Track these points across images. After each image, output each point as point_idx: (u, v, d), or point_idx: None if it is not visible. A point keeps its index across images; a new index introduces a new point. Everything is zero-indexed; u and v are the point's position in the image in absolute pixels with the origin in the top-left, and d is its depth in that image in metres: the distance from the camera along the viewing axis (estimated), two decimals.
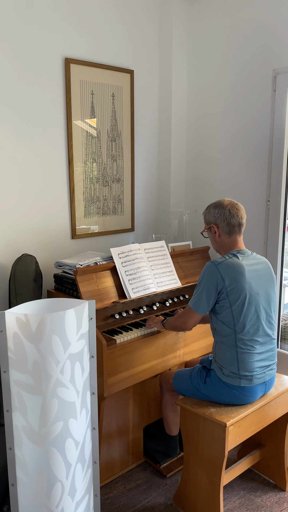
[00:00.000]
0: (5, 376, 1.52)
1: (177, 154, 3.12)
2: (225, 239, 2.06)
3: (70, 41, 2.55)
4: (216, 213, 2.05)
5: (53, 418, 1.51)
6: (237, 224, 2.03)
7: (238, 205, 2.06)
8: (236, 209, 2.04)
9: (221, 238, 2.06)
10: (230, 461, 2.49)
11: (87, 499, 1.71)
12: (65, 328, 1.48)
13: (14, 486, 1.59)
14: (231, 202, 2.06)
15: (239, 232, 2.05)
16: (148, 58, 3.00)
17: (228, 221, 2.02)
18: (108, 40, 2.74)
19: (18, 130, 2.41)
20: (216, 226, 2.06)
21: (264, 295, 1.99)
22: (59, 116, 2.57)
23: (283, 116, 2.50)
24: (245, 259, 1.99)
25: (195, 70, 3.00)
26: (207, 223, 2.12)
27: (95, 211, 2.85)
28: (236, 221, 2.02)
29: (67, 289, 2.40)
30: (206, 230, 2.14)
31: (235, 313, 1.93)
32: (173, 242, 2.97)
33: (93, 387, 1.66)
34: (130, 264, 2.38)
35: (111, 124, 2.84)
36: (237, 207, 2.05)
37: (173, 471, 2.44)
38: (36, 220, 2.57)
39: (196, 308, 1.98)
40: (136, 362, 2.19)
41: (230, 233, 2.04)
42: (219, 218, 2.04)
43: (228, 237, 2.05)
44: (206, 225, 2.13)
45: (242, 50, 2.66)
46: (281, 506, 2.22)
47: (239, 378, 1.96)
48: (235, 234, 2.04)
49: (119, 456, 2.41)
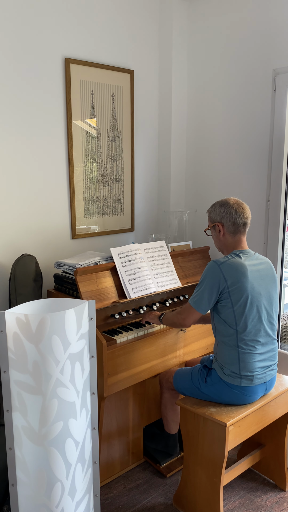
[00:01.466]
0: (5, 376, 1.52)
1: (177, 154, 3.12)
2: (229, 239, 2.04)
3: (70, 41, 2.55)
4: (222, 211, 2.03)
5: (53, 418, 1.51)
6: (243, 224, 2.02)
7: (244, 205, 2.05)
8: (242, 209, 2.02)
9: (225, 237, 2.05)
10: (230, 461, 2.49)
11: (87, 499, 1.71)
12: (65, 328, 1.48)
13: (14, 486, 1.59)
14: (237, 202, 2.04)
15: (244, 232, 2.04)
16: (148, 58, 3.00)
17: (234, 220, 2.01)
18: (108, 40, 2.74)
19: (18, 130, 2.41)
20: (221, 225, 2.04)
21: (266, 296, 1.98)
22: (59, 116, 2.57)
23: (283, 116, 2.50)
24: (248, 259, 1.98)
25: (195, 70, 3.00)
26: (211, 221, 2.09)
27: (95, 211, 2.85)
28: (241, 220, 2.01)
29: (67, 289, 2.40)
30: (210, 228, 2.11)
31: (237, 313, 1.93)
32: (173, 242, 2.97)
33: (93, 387, 1.66)
34: (130, 264, 2.38)
35: (111, 124, 2.84)
36: (243, 206, 2.03)
37: (173, 471, 2.44)
38: (36, 220, 2.57)
39: (197, 306, 1.97)
40: (136, 362, 2.19)
41: (235, 232, 2.03)
42: (224, 217, 2.02)
43: (232, 237, 2.04)
44: (211, 223, 2.10)
45: (242, 50, 2.66)
46: (281, 506, 2.22)
47: (240, 378, 1.96)
48: (240, 233, 2.03)
49: (119, 456, 2.41)
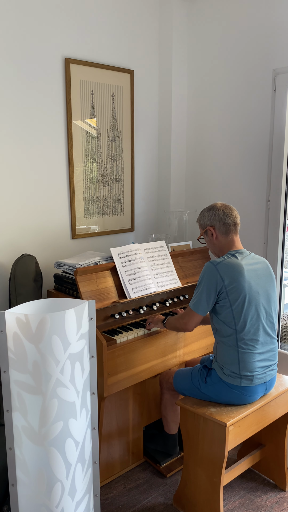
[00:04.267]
0: (5, 376, 1.52)
1: (177, 154, 3.12)
2: (223, 240, 2.08)
3: (70, 41, 2.55)
4: (211, 215, 2.09)
5: (53, 418, 1.51)
6: (233, 223, 2.07)
7: (230, 206, 2.11)
8: (229, 209, 2.09)
9: (218, 239, 2.09)
10: (230, 461, 2.49)
11: (87, 499, 1.71)
12: (65, 328, 1.48)
13: (14, 486, 1.59)
14: (223, 204, 2.12)
15: (235, 231, 2.08)
16: (148, 58, 3.00)
17: (224, 220, 2.05)
18: (108, 40, 2.74)
19: (18, 130, 2.41)
20: (213, 228, 2.08)
21: (264, 295, 1.99)
22: (59, 116, 2.57)
23: (283, 116, 2.50)
24: (244, 259, 2.00)
25: (195, 70, 3.00)
26: (202, 227, 2.15)
27: (95, 211, 2.85)
28: (231, 220, 2.06)
29: (67, 289, 2.40)
30: (203, 235, 2.16)
31: (236, 312, 1.93)
32: (173, 242, 2.97)
33: (93, 387, 1.66)
34: (130, 264, 2.38)
35: (111, 124, 2.84)
36: (229, 207, 2.10)
37: (173, 471, 2.44)
38: (36, 220, 2.57)
39: (196, 308, 1.98)
40: (136, 362, 2.19)
41: (227, 232, 2.06)
42: (214, 219, 2.07)
43: (225, 237, 2.07)
44: (202, 230, 2.15)
45: (242, 50, 2.66)
46: (281, 506, 2.22)
47: (239, 378, 1.96)
48: (232, 233, 2.07)
49: (119, 456, 2.41)
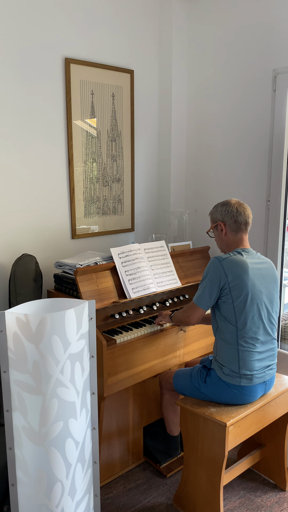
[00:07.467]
0: (5, 376, 1.52)
1: (177, 154, 3.12)
2: (231, 237, 2.07)
3: (70, 41, 2.55)
4: (224, 210, 2.07)
5: (53, 418, 1.51)
6: (244, 222, 2.05)
7: (244, 205, 2.10)
8: (243, 208, 2.07)
9: (227, 236, 2.08)
10: (230, 461, 2.49)
11: (87, 499, 1.71)
12: (65, 328, 1.48)
13: (14, 486, 1.59)
14: (238, 202, 2.10)
15: (245, 230, 2.07)
16: (148, 58, 3.00)
17: (235, 218, 2.04)
18: (108, 40, 2.74)
19: (18, 130, 2.41)
20: (223, 224, 2.07)
21: (267, 294, 1.99)
22: (59, 116, 2.57)
23: (283, 116, 2.50)
24: (250, 258, 2.00)
25: (195, 70, 3.00)
26: (213, 221, 2.13)
27: (95, 211, 2.85)
28: (243, 219, 2.05)
29: (67, 289, 2.40)
30: (213, 229, 2.15)
31: (237, 309, 1.94)
32: (173, 242, 2.97)
33: (93, 387, 1.66)
34: (130, 264, 2.38)
35: (111, 124, 2.84)
36: (244, 206, 2.09)
37: (173, 471, 2.44)
38: (36, 220, 2.57)
39: (199, 302, 1.99)
40: (136, 362, 2.19)
41: (237, 230, 2.06)
42: (226, 216, 2.06)
43: (234, 235, 2.06)
44: (213, 224, 2.14)
45: (242, 50, 2.66)
46: (281, 506, 2.22)
47: (239, 377, 1.96)
48: (241, 232, 2.06)
49: (119, 456, 2.41)
